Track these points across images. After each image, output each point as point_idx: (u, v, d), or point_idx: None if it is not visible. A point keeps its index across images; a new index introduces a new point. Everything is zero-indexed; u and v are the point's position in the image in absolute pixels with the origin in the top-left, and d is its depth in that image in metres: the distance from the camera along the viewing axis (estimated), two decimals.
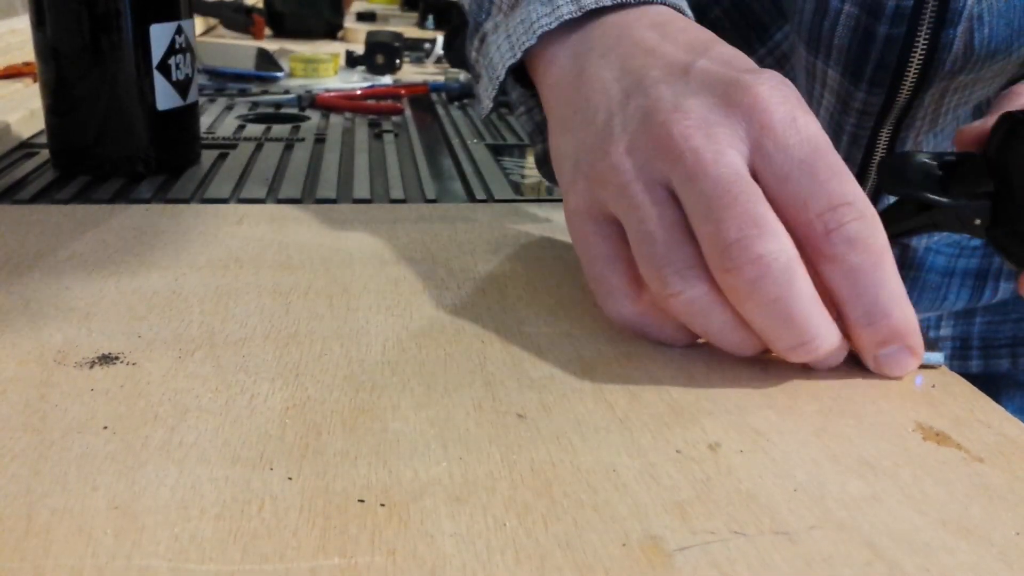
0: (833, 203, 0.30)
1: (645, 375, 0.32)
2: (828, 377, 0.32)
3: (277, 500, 0.24)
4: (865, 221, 0.30)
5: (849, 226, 0.29)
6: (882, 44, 0.47)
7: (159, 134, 0.56)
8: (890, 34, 0.47)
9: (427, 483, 0.25)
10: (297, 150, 0.65)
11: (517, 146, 0.71)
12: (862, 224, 0.29)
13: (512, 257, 0.43)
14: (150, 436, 0.27)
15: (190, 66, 0.58)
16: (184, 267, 0.40)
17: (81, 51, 0.53)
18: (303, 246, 0.44)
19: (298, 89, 0.88)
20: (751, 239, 0.29)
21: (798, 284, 0.29)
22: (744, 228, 0.29)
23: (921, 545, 0.23)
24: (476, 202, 0.54)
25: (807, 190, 0.30)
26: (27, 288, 0.37)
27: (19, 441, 0.26)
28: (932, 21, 0.45)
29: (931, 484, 0.26)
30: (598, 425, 0.28)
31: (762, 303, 0.29)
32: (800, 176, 0.30)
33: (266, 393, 0.29)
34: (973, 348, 0.58)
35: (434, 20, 1.62)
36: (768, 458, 0.27)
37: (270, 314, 0.36)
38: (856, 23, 0.47)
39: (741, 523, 0.24)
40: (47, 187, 0.54)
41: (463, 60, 0.95)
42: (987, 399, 0.31)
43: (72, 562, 0.21)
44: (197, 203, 0.52)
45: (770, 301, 0.29)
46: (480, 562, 0.22)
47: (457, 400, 0.30)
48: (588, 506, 0.24)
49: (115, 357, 0.32)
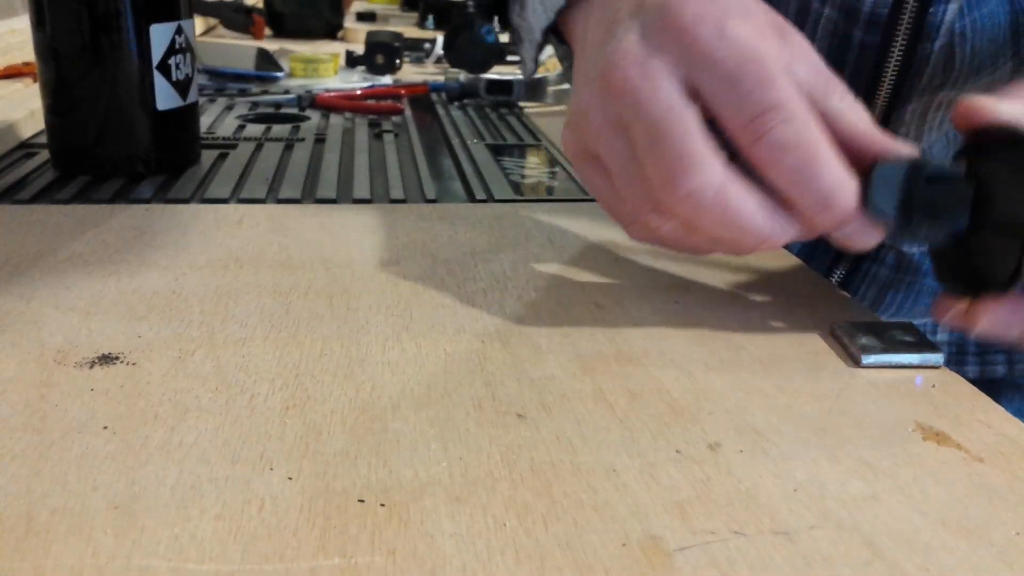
0: (756, 111, 0.30)
1: (645, 375, 0.32)
2: (828, 377, 0.32)
3: (277, 500, 0.24)
4: (791, 123, 0.30)
5: (774, 131, 0.30)
6: (858, 50, 0.47)
7: (159, 134, 0.56)
8: (864, 40, 0.46)
9: (427, 483, 0.25)
10: (297, 150, 0.65)
11: (517, 146, 0.71)
12: (787, 126, 0.30)
13: (512, 257, 0.43)
14: (150, 436, 0.27)
15: (190, 66, 0.58)
16: (184, 267, 0.40)
17: (81, 51, 0.53)
18: (303, 246, 0.44)
19: (298, 89, 0.88)
20: (677, 178, 0.31)
21: (733, 204, 0.31)
22: (671, 167, 0.31)
23: (921, 545, 0.23)
24: (476, 202, 0.54)
25: (734, 102, 0.31)
26: (27, 288, 0.37)
27: (19, 441, 0.26)
28: (908, 33, 0.45)
29: (931, 484, 0.26)
30: (598, 425, 0.28)
31: (708, 229, 0.32)
32: (728, 89, 0.31)
33: (266, 393, 0.29)
34: (969, 353, 0.58)
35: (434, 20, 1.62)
36: (768, 458, 0.27)
37: (270, 314, 0.36)
38: (835, 27, 0.47)
39: (741, 523, 0.24)
40: (47, 187, 0.54)
41: (463, 60, 0.95)
42: (987, 399, 0.31)
43: (72, 562, 0.21)
44: (197, 203, 0.52)
45: (715, 225, 0.32)
46: (480, 562, 0.22)
47: (457, 400, 0.30)
48: (588, 506, 0.24)
49: (115, 357, 0.32)
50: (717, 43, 0.31)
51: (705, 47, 0.31)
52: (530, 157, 0.67)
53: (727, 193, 0.31)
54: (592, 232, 0.48)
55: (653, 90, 0.32)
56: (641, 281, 0.41)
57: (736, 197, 0.31)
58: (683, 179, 0.31)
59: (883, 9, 0.45)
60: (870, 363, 0.33)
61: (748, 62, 0.31)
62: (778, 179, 0.31)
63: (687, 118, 0.31)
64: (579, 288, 0.40)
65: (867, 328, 0.35)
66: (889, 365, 0.33)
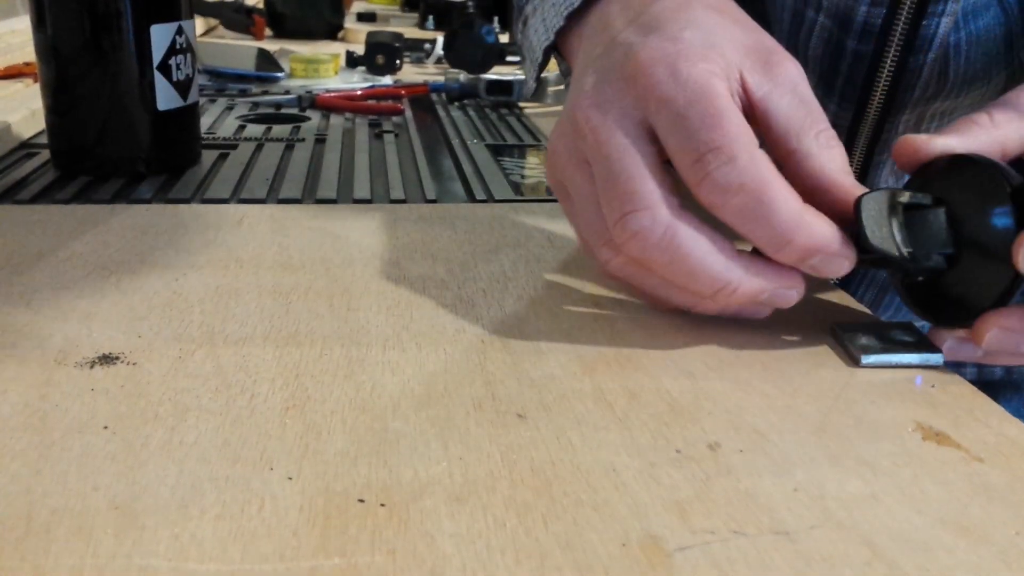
0: (700, 152, 0.31)
1: (645, 375, 0.32)
2: (828, 377, 0.32)
3: (277, 500, 0.24)
4: (735, 163, 0.30)
5: (716, 173, 0.30)
6: (851, 59, 0.47)
7: (160, 134, 0.56)
8: (858, 50, 0.46)
9: (427, 483, 0.25)
10: (297, 150, 0.65)
11: (517, 146, 0.71)
12: (730, 168, 0.30)
13: (512, 257, 0.44)
14: (150, 436, 0.27)
15: (191, 66, 0.58)
16: (184, 267, 0.40)
17: (82, 51, 0.53)
18: (303, 246, 0.44)
19: (298, 89, 0.88)
20: (626, 219, 0.31)
21: (683, 245, 0.31)
22: (621, 207, 0.31)
23: (920, 545, 0.23)
24: (476, 202, 0.54)
25: (681, 142, 0.31)
26: (28, 288, 0.37)
27: (20, 441, 0.26)
28: (901, 44, 0.45)
29: (930, 484, 0.26)
30: (598, 425, 0.28)
31: (659, 269, 0.32)
32: (676, 129, 0.31)
33: (266, 393, 0.29)
34: None
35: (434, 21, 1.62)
36: (768, 458, 0.27)
37: (270, 314, 0.36)
38: (829, 35, 0.47)
39: (741, 523, 0.24)
40: (48, 187, 0.54)
41: (463, 60, 0.95)
42: (987, 399, 0.31)
43: (72, 562, 0.21)
44: (198, 203, 0.52)
45: (664, 266, 0.32)
46: (480, 562, 0.22)
47: (457, 400, 0.30)
48: (588, 505, 0.24)
49: (115, 357, 0.32)
50: (669, 83, 0.31)
51: (658, 88, 0.32)
52: (530, 157, 0.67)
53: (674, 233, 0.31)
54: None
55: (609, 132, 0.32)
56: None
57: (685, 238, 0.31)
58: (630, 218, 0.31)
59: (876, 20, 0.45)
60: (870, 363, 0.33)
61: (696, 102, 0.31)
62: (730, 220, 0.31)
63: (639, 159, 0.32)
64: (579, 288, 0.40)
65: (867, 328, 0.35)
66: (889, 365, 0.33)
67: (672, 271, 0.32)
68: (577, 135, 0.34)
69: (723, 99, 0.31)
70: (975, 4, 0.45)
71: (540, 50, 0.43)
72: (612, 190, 0.32)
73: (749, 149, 0.30)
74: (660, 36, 0.33)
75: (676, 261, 0.31)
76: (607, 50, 0.35)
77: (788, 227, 0.30)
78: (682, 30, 0.33)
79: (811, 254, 0.31)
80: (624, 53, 0.34)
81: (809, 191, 0.32)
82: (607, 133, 0.32)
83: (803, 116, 0.33)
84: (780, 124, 0.33)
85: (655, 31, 0.33)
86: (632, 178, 0.31)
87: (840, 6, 0.46)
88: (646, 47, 0.33)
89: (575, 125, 0.34)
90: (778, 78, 0.33)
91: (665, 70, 0.32)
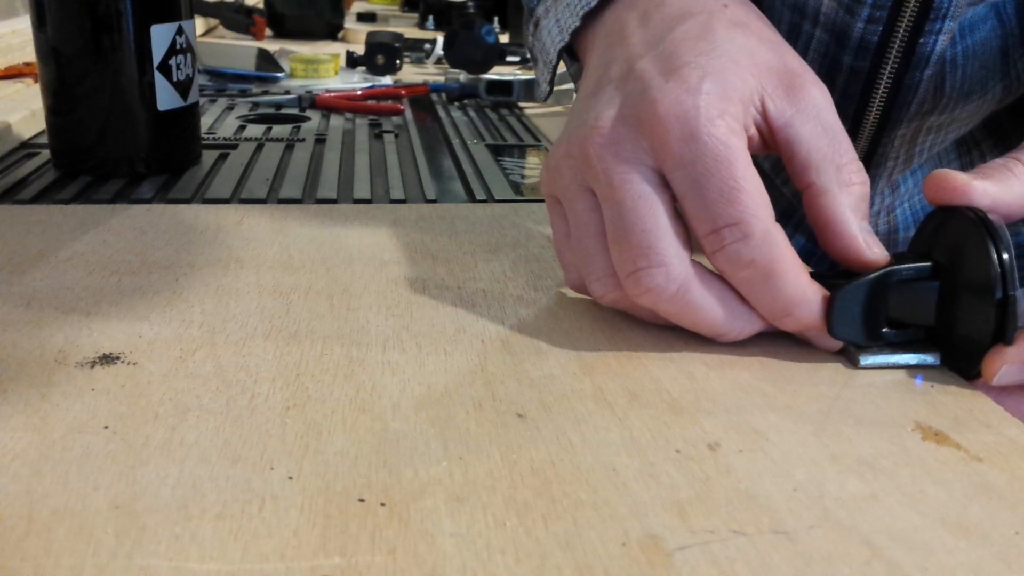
0: (717, 225, 0.31)
1: (645, 375, 0.32)
2: (828, 377, 0.32)
3: (278, 499, 0.24)
4: (748, 241, 0.31)
5: (730, 248, 0.31)
6: (847, 75, 0.47)
7: (160, 134, 0.56)
8: (854, 66, 0.46)
9: (427, 483, 0.25)
10: (298, 150, 0.65)
11: (517, 146, 0.71)
12: (743, 245, 0.31)
13: (512, 257, 0.44)
14: (151, 436, 0.27)
15: (191, 66, 0.58)
16: (185, 267, 0.40)
17: (82, 51, 0.53)
18: (304, 246, 0.44)
19: (298, 89, 0.88)
20: (641, 273, 0.32)
21: (694, 301, 0.32)
22: (636, 261, 0.32)
23: (920, 544, 0.23)
24: (476, 202, 0.54)
25: (699, 208, 0.31)
26: (28, 288, 0.37)
27: (20, 440, 0.26)
28: (897, 61, 0.44)
29: (930, 484, 0.26)
30: (598, 425, 0.28)
31: (670, 318, 0.33)
32: (693, 195, 0.31)
33: (267, 393, 0.30)
34: None
35: (434, 21, 1.62)
36: (767, 458, 0.27)
37: (271, 314, 0.36)
38: (826, 50, 0.47)
39: (740, 523, 0.24)
40: (48, 187, 0.54)
41: (463, 60, 0.95)
42: (986, 399, 0.31)
43: (73, 561, 0.21)
44: (198, 203, 0.52)
45: (675, 316, 0.33)
46: (480, 562, 0.22)
47: (457, 400, 0.30)
48: (588, 505, 0.24)
49: (116, 357, 0.32)
50: (687, 145, 0.31)
51: (675, 148, 0.31)
52: (530, 157, 0.67)
53: (688, 290, 0.32)
54: None
55: (624, 178, 0.32)
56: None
57: (697, 295, 0.32)
58: (644, 274, 0.32)
59: (873, 36, 0.45)
60: (868, 364, 0.33)
61: (714, 172, 0.31)
62: (738, 287, 0.33)
63: (655, 210, 0.32)
64: None
65: None
66: (887, 365, 0.33)
67: (679, 320, 0.33)
68: (586, 166, 0.33)
69: (741, 168, 0.31)
70: (972, 18, 0.45)
71: (554, 52, 0.43)
72: (626, 240, 0.32)
73: (764, 225, 0.31)
74: (679, 83, 0.32)
75: (685, 314, 0.33)
76: (623, 77, 0.34)
77: (789, 303, 0.32)
78: (703, 79, 0.32)
79: (808, 329, 0.33)
80: (641, 93, 0.33)
81: (821, 226, 0.33)
82: (621, 178, 0.32)
83: (824, 147, 0.33)
84: (801, 154, 0.33)
85: (675, 73, 0.32)
86: (647, 232, 0.32)
87: (837, 21, 0.45)
88: (665, 96, 0.32)
89: (585, 157, 0.33)
90: (801, 104, 0.33)
91: (682, 129, 0.31)
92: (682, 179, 0.31)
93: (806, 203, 0.33)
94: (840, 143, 0.33)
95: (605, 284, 0.34)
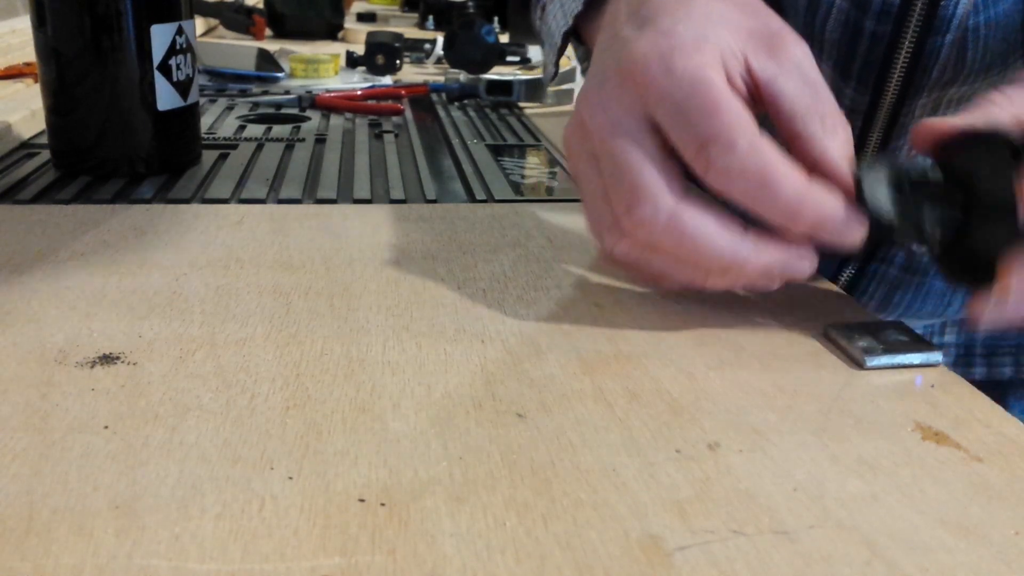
0: (701, 143, 0.32)
1: (645, 375, 0.32)
2: (828, 377, 0.32)
3: (277, 499, 0.24)
4: (734, 151, 0.31)
5: (718, 163, 0.32)
6: (869, 41, 0.47)
7: (160, 134, 0.56)
8: (876, 31, 0.47)
9: (427, 483, 0.25)
10: (298, 150, 0.65)
11: (517, 146, 0.71)
12: (731, 157, 0.31)
13: (512, 257, 0.44)
14: (151, 436, 0.27)
15: (191, 66, 0.58)
16: (185, 267, 0.40)
17: (82, 51, 0.53)
18: (304, 246, 0.44)
19: (298, 89, 0.88)
20: (631, 210, 0.33)
21: (689, 225, 0.33)
22: (627, 198, 0.33)
23: (920, 544, 0.23)
24: (476, 202, 0.54)
25: (683, 134, 0.32)
26: (28, 288, 0.37)
27: (20, 441, 0.26)
28: (919, 25, 0.45)
29: (930, 483, 0.26)
30: (598, 425, 0.28)
31: (669, 251, 0.34)
32: (677, 122, 0.32)
33: (267, 393, 0.30)
34: (976, 355, 0.58)
35: (434, 21, 1.62)
36: (767, 458, 0.27)
37: (271, 314, 0.36)
38: (846, 17, 0.47)
39: (740, 522, 0.24)
40: (48, 187, 0.54)
41: (463, 60, 0.95)
42: (986, 399, 0.31)
43: (73, 561, 0.21)
44: (198, 203, 0.52)
45: (673, 248, 0.33)
46: (480, 561, 0.22)
47: (457, 400, 0.30)
48: (588, 505, 0.24)
49: (116, 357, 0.32)
50: (664, 79, 0.32)
51: (654, 84, 0.33)
52: (530, 157, 0.67)
53: (679, 217, 0.33)
54: None
55: (612, 130, 0.34)
56: (641, 281, 0.41)
57: (689, 219, 0.33)
58: (636, 209, 0.33)
59: (894, 0, 0.45)
60: (874, 365, 0.33)
61: (693, 95, 0.32)
62: (741, 203, 0.32)
63: (641, 153, 0.33)
64: (579, 288, 0.40)
65: (861, 329, 0.35)
66: (893, 366, 0.33)
67: (681, 251, 0.33)
68: (584, 132, 0.35)
69: (718, 89, 0.32)
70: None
71: (559, 35, 0.44)
72: (618, 185, 0.34)
73: (748, 135, 0.31)
74: (654, 30, 0.34)
75: (684, 242, 0.33)
76: (609, 44, 0.36)
77: (793, 203, 0.32)
78: (675, 23, 0.34)
79: (821, 225, 0.32)
80: (621, 50, 0.34)
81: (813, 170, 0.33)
82: (609, 131, 0.34)
83: (809, 99, 0.33)
84: (786, 107, 0.33)
85: (649, 24, 0.34)
86: (634, 172, 0.33)
87: None
88: (639, 42, 0.34)
89: (582, 124, 0.35)
90: (783, 61, 0.34)
91: (659, 66, 0.33)
92: (665, 112, 0.32)
93: (797, 154, 0.34)
94: (823, 96, 0.34)
95: (612, 234, 0.35)
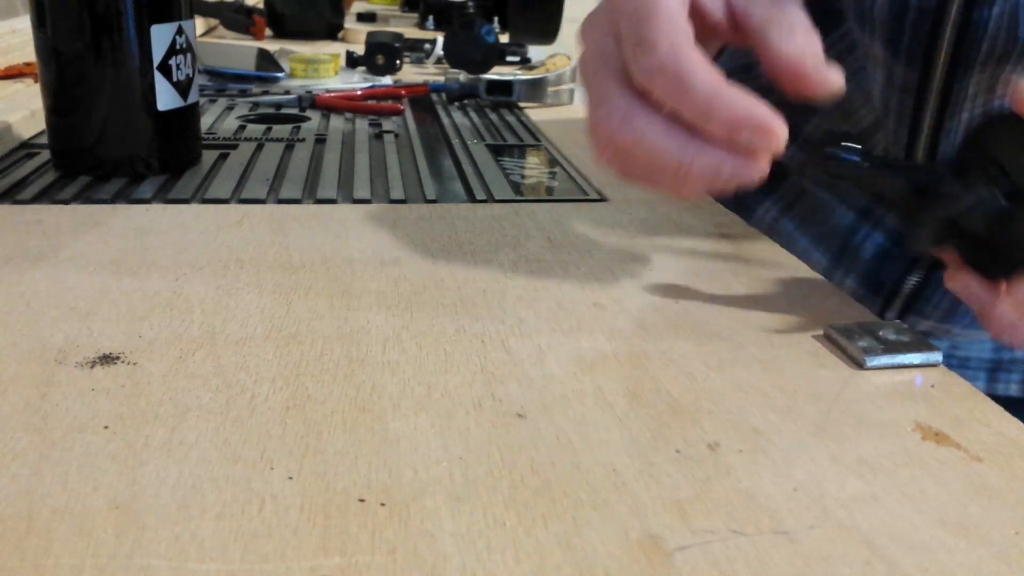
0: (632, 45, 0.35)
1: (645, 375, 0.32)
2: (828, 377, 0.32)
3: (278, 500, 0.24)
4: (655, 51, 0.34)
5: (642, 62, 0.34)
6: (915, 16, 0.47)
7: (160, 134, 0.56)
8: (921, 6, 0.46)
9: (427, 483, 0.25)
10: (298, 150, 0.65)
11: (517, 146, 0.71)
12: (651, 56, 0.34)
13: (512, 257, 0.44)
14: (151, 436, 0.27)
15: (191, 66, 0.58)
16: (185, 267, 0.40)
17: (82, 51, 0.53)
18: (304, 246, 0.44)
19: (298, 89, 0.88)
20: (591, 110, 0.37)
21: (637, 127, 0.35)
22: (590, 103, 0.37)
23: (920, 544, 0.23)
24: (476, 202, 0.54)
25: (624, 41, 0.35)
26: (28, 288, 0.37)
27: (20, 440, 0.26)
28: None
29: (930, 483, 0.26)
30: (598, 425, 0.28)
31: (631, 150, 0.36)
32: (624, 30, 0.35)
33: (267, 393, 0.30)
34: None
35: (434, 21, 1.62)
36: (767, 458, 0.27)
37: (271, 314, 0.36)
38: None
39: (740, 522, 0.24)
40: (48, 187, 0.54)
41: (463, 60, 0.95)
42: (986, 399, 0.31)
43: (73, 561, 0.21)
44: (198, 203, 0.52)
45: (632, 148, 0.35)
46: (480, 561, 0.22)
47: (457, 400, 0.30)
48: (588, 505, 0.24)
49: (116, 357, 0.32)
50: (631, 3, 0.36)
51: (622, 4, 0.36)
52: (530, 157, 0.67)
53: (629, 121, 0.35)
54: (592, 232, 0.48)
55: (589, 46, 0.38)
56: (641, 281, 0.41)
57: (638, 122, 0.35)
58: (594, 111, 0.37)
59: None
60: (874, 365, 0.33)
61: (641, 7, 0.35)
62: (664, 101, 0.34)
63: (602, 63, 0.37)
64: (579, 288, 0.40)
65: (860, 329, 0.35)
66: (893, 366, 0.33)
67: (639, 152, 0.36)
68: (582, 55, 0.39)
69: (663, 3, 0.34)
70: None
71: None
72: (587, 93, 0.38)
73: (671, 38, 0.34)
74: None
75: (637, 145, 0.35)
76: None
77: (706, 99, 0.33)
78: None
79: (737, 125, 0.33)
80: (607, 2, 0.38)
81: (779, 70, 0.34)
82: (588, 48, 0.38)
83: (772, 12, 0.35)
84: (753, 24, 0.36)
85: None
86: (595, 80, 0.37)
87: None
88: None
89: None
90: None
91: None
92: (623, 25, 0.35)
93: (763, 60, 0.35)
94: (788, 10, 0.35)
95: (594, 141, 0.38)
